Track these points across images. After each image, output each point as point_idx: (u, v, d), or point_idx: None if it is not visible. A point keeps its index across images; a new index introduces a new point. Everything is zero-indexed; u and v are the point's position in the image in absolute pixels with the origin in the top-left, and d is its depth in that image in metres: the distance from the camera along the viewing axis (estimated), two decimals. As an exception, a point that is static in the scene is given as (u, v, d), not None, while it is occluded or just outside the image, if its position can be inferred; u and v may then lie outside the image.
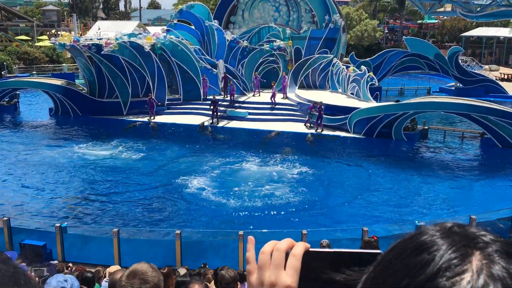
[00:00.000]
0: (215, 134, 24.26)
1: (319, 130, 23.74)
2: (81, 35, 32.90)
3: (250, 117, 26.15)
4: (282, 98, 27.45)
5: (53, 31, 42.94)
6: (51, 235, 11.56)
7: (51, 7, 63.64)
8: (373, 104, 24.07)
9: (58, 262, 9.85)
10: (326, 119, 23.79)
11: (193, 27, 31.69)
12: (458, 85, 35.06)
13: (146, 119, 26.29)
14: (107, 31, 31.73)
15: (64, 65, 44.07)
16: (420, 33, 62.83)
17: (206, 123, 25.38)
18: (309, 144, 22.29)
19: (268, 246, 0.89)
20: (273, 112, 26.41)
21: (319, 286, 0.85)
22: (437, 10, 35.42)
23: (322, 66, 28.71)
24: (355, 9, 58.21)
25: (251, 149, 21.36)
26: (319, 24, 30.59)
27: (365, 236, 10.80)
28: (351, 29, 51.60)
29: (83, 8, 71.21)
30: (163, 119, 26.43)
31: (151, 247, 12.13)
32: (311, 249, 0.88)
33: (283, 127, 24.63)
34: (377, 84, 28.20)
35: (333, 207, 15.53)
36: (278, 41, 31.32)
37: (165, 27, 32.81)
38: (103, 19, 65.15)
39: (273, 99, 26.53)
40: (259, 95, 28.41)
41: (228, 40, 29.77)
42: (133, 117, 26.93)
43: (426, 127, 24.29)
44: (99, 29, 34.18)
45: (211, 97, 26.03)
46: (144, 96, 27.14)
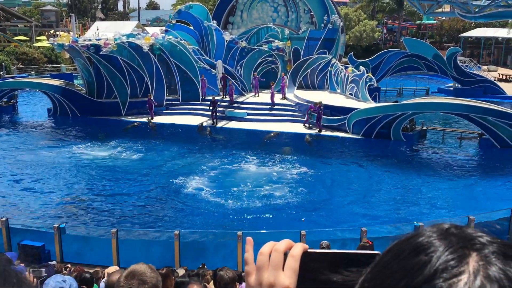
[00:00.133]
0: (214, 134, 24.27)
1: (317, 130, 23.75)
2: (80, 36, 32.85)
3: (249, 117, 26.15)
4: (281, 98, 27.46)
5: (52, 32, 42.81)
6: (50, 236, 11.55)
7: (49, 8, 63.56)
8: (372, 104, 24.08)
9: (56, 262, 9.84)
10: (325, 120, 23.81)
11: (191, 28, 31.67)
12: (456, 85, 35.11)
13: (145, 119, 26.29)
14: (105, 32, 31.73)
15: (62, 65, 44.03)
16: (418, 34, 62.92)
17: (205, 124, 25.39)
18: (308, 144, 22.31)
19: (266, 247, 0.89)
20: (272, 112, 26.42)
21: (317, 287, 0.85)
22: (436, 10, 35.43)
23: (320, 66, 28.69)
24: (354, 9, 58.30)
25: (250, 150, 21.36)
26: (317, 24, 30.59)
27: (363, 236, 10.83)
28: (349, 29, 51.65)
29: (82, 8, 71.13)
30: (161, 119, 26.42)
31: (150, 248, 12.13)
32: (309, 250, 0.88)
33: (282, 127, 24.63)
34: (376, 84, 28.21)
35: (332, 207, 15.54)
36: (276, 41, 31.35)
37: (164, 28, 32.81)
38: (101, 19, 65.08)
39: (272, 99, 26.54)
40: (258, 96, 28.42)
41: (226, 40, 29.75)
42: (131, 117, 26.93)
43: (424, 128, 24.32)
44: (98, 29, 34.18)
45: (211, 98, 26.03)
46: (142, 96, 27.13)
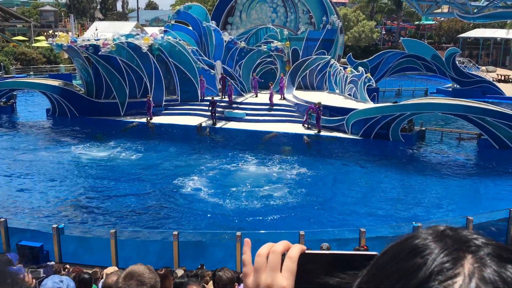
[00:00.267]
0: (213, 135, 24.27)
1: (316, 131, 23.76)
2: (79, 36, 32.81)
3: (247, 118, 26.15)
4: (279, 99, 27.47)
5: (51, 32, 42.72)
6: (48, 236, 11.54)
7: (48, 8, 63.41)
8: (371, 105, 24.10)
9: (55, 263, 9.83)
10: (323, 120, 23.82)
11: (190, 28, 31.64)
12: (455, 86, 35.15)
13: (144, 119, 26.27)
14: (104, 32, 31.71)
15: (61, 65, 43.97)
16: (417, 34, 62.97)
17: (204, 124, 25.39)
18: (306, 145, 22.31)
19: (264, 248, 0.89)
20: (270, 113, 26.42)
21: None
22: (434, 11, 35.50)
23: (319, 67, 28.70)
24: (353, 10, 58.33)
25: (249, 150, 21.37)
26: (316, 25, 30.61)
27: (362, 237, 10.85)
28: (348, 30, 51.68)
29: (81, 8, 71.02)
30: (160, 120, 26.41)
31: (149, 248, 12.12)
32: (307, 251, 0.88)
33: (281, 128, 24.63)
34: (375, 85, 28.22)
35: (331, 207, 15.54)
36: (275, 42, 31.36)
37: (163, 28, 32.80)
38: (100, 19, 65.01)
39: (271, 99, 26.54)
40: (256, 96, 28.42)
41: (225, 41, 29.73)
42: (130, 118, 26.91)
43: (423, 128, 24.33)
44: (97, 29, 34.19)
45: (210, 98, 26.03)
46: (141, 97, 27.11)
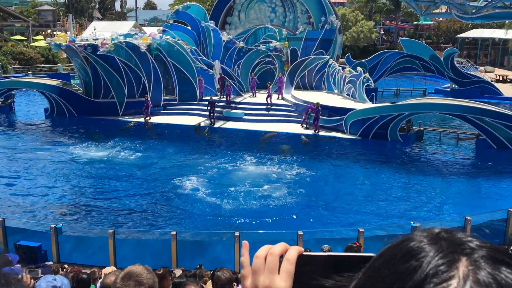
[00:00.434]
0: (211, 134, 24.26)
1: (315, 131, 23.77)
2: (77, 35, 32.80)
3: (246, 117, 26.15)
4: (277, 98, 27.47)
5: (49, 31, 42.70)
6: (46, 236, 11.53)
7: (46, 7, 63.28)
8: (369, 105, 24.12)
9: (53, 263, 9.83)
10: (322, 120, 23.83)
11: (189, 28, 31.63)
12: (453, 86, 35.19)
13: (142, 119, 26.24)
14: (103, 31, 31.69)
15: (59, 65, 43.90)
16: (415, 35, 63.06)
17: (202, 124, 25.38)
18: (304, 145, 22.33)
19: (262, 250, 0.89)
20: (269, 113, 26.42)
21: None
22: (433, 11, 35.50)
23: (318, 67, 28.72)
24: (351, 10, 58.37)
25: (248, 150, 21.37)
26: (315, 25, 30.63)
27: (361, 236, 10.86)
28: (347, 30, 51.72)
29: (79, 8, 70.94)
30: (159, 119, 26.39)
31: (147, 248, 12.11)
32: (304, 253, 0.88)
33: (279, 128, 24.64)
34: (373, 85, 28.23)
35: (330, 207, 15.54)
36: (274, 42, 31.37)
37: (161, 28, 32.79)
38: (99, 19, 65.03)
39: (269, 99, 26.54)
40: (255, 96, 28.42)
41: (224, 40, 29.74)
42: (129, 117, 26.89)
43: (421, 128, 24.36)
44: (95, 29, 34.16)
45: (208, 98, 26.02)
46: (140, 96, 27.09)
